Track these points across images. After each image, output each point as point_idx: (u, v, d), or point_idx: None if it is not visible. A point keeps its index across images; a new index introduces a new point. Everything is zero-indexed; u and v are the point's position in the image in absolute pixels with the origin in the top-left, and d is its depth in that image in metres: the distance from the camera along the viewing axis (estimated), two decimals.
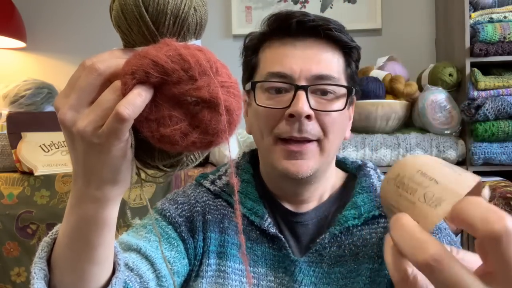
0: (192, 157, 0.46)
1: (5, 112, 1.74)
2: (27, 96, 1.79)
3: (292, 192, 0.76)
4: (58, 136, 1.61)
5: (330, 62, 0.72)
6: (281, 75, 0.70)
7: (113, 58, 0.40)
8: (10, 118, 1.57)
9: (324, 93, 0.70)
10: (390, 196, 0.33)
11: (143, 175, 0.47)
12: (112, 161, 0.41)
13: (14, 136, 1.54)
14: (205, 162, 1.67)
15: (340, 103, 0.72)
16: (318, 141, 0.70)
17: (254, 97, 0.73)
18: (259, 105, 0.70)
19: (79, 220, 0.45)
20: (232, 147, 1.59)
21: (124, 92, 0.38)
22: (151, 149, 0.44)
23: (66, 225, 0.47)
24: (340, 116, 0.72)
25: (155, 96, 0.39)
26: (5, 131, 1.58)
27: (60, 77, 2.12)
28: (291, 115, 0.68)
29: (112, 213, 0.46)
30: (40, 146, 1.56)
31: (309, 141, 0.70)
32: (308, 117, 0.68)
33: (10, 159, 1.58)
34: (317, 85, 0.70)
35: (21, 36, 2.01)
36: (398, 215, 0.30)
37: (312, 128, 0.69)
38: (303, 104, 0.67)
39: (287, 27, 0.71)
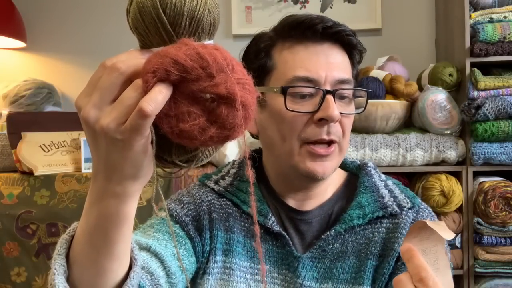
0: (207, 152, 0.48)
1: (5, 112, 1.74)
2: (27, 96, 1.79)
3: (301, 189, 0.78)
4: (58, 136, 1.61)
5: (346, 66, 0.75)
6: (309, 79, 0.71)
7: (132, 58, 0.42)
8: (10, 118, 1.57)
9: (342, 97, 0.73)
10: None
11: (159, 170, 0.48)
12: (134, 157, 0.42)
13: (14, 136, 1.54)
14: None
15: (353, 106, 0.76)
16: (338, 142, 0.73)
17: (266, 102, 0.74)
18: (289, 110, 0.71)
19: (99, 216, 0.46)
20: (232, 148, 1.59)
21: (145, 90, 0.39)
22: (169, 145, 0.45)
23: (86, 222, 0.48)
24: (352, 117, 0.77)
25: (174, 93, 0.40)
26: (5, 131, 1.58)
27: (60, 77, 2.12)
28: (322, 119, 0.70)
29: (132, 208, 0.47)
30: (40, 146, 1.56)
31: (333, 142, 0.72)
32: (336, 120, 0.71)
33: (10, 159, 1.59)
34: (342, 90, 0.72)
35: (21, 36, 2.01)
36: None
37: (336, 130, 0.72)
38: (334, 108, 0.69)
39: (312, 32, 0.72)
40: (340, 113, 0.71)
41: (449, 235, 0.48)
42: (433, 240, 0.48)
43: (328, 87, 0.71)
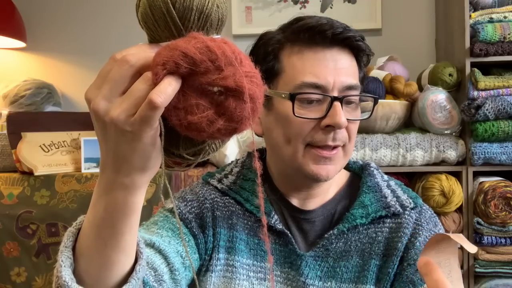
0: (214, 145, 0.49)
1: (5, 112, 1.74)
2: (27, 96, 1.79)
3: (304, 188, 0.79)
4: (58, 136, 1.61)
5: (354, 71, 0.75)
6: (317, 85, 0.71)
7: (141, 51, 0.42)
8: (10, 118, 1.57)
9: (349, 102, 0.74)
10: None
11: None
12: (143, 148, 0.43)
13: (14, 136, 1.54)
14: (205, 162, 1.67)
15: (359, 110, 0.77)
16: (343, 146, 0.74)
17: (273, 105, 0.75)
18: (297, 116, 0.71)
19: (107, 208, 0.47)
20: (232, 148, 1.59)
21: (155, 82, 0.40)
22: (177, 138, 0.46)
23: (93, 214, 0.48)
24: (358, 122, 0.77)
25: (183, 86, 0.41)
26: (5, 131, 1.58)
27: (60, 77, 2.12)
28: (328, 126, 0.70)
29: (140, 200, 0.48)
30: (40, 146, 1.56)
31: (338, 146, 0.73)
32: None
33: (10, 159, 1.59)
34: (350, 96, 0.72)
35: (21, 36, 2.01)
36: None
37: (342, 136, 0.73)
38: (341, 115, 0.70)
39: (321, 38, 0.72)
40: (348, 119, 0.71)
41: (473, 248, 0.48)
42: (447, 253, 0.49)
43: (335, 93, 0.71)
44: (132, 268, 0.52)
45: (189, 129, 0.41)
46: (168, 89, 0.39)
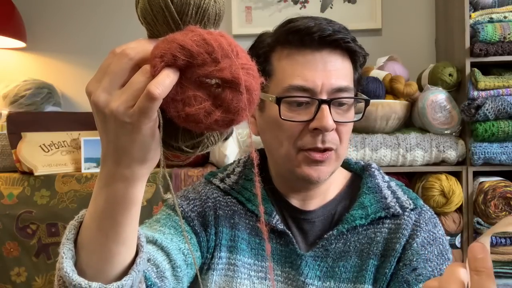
0: (212, 138, 0.49)
1: (5, 112, 1.74)
2: (27, 96, 1.79)
3: (301, 189, 0.79)
4: (58, 136, 1.61)
5: (346, 73, 0.74)
6: (304, 88, 0.71)
7: (140, 45, 0.43)
8: (10, 118, 1.57)
9: (341, 104, 0.73)
10: None
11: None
12: (142, 140, 0.44)
13: (14, 136, 1.54)
14: (205, 162, 1.67)
15: (352, 112, 0.76)
16: (335, 149, 0.74)
17: (265, 107, 0.75)
18: (284, 119, 0.71)
19: (108, 200, 0.47)
20: (232, 148, 1.59)
21: (153, 74, 0.41)
22: (175, 130, 0.47)
23: (94, 207, 0.49)
24: (351, 124, 0.76)
25: (180, 78, 0.42)
26: (5, 131, 1.58)
27: (60, 77, 2.12)
28: (316, 129, 0.70)
29: (140, 191, 0.49)
30: (40, 146, 1.56)
31: (329, 149, 0.73)
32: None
33: (10, 159, 1.58)
34: (339, 99, 0.72)
35: (21, 36, 2.00)
36: None
37: (332, 138, 0.72)
38: (328, 118, 0.70)
39: (310, 40, 0.71)
40: (336, 121, 0.71)
41: None
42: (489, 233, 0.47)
43: (324, 96, 0.71)
44: (133, 261, 0.53)
45: (187, 120, 0.42)
46: (166, 81, 0.40)
